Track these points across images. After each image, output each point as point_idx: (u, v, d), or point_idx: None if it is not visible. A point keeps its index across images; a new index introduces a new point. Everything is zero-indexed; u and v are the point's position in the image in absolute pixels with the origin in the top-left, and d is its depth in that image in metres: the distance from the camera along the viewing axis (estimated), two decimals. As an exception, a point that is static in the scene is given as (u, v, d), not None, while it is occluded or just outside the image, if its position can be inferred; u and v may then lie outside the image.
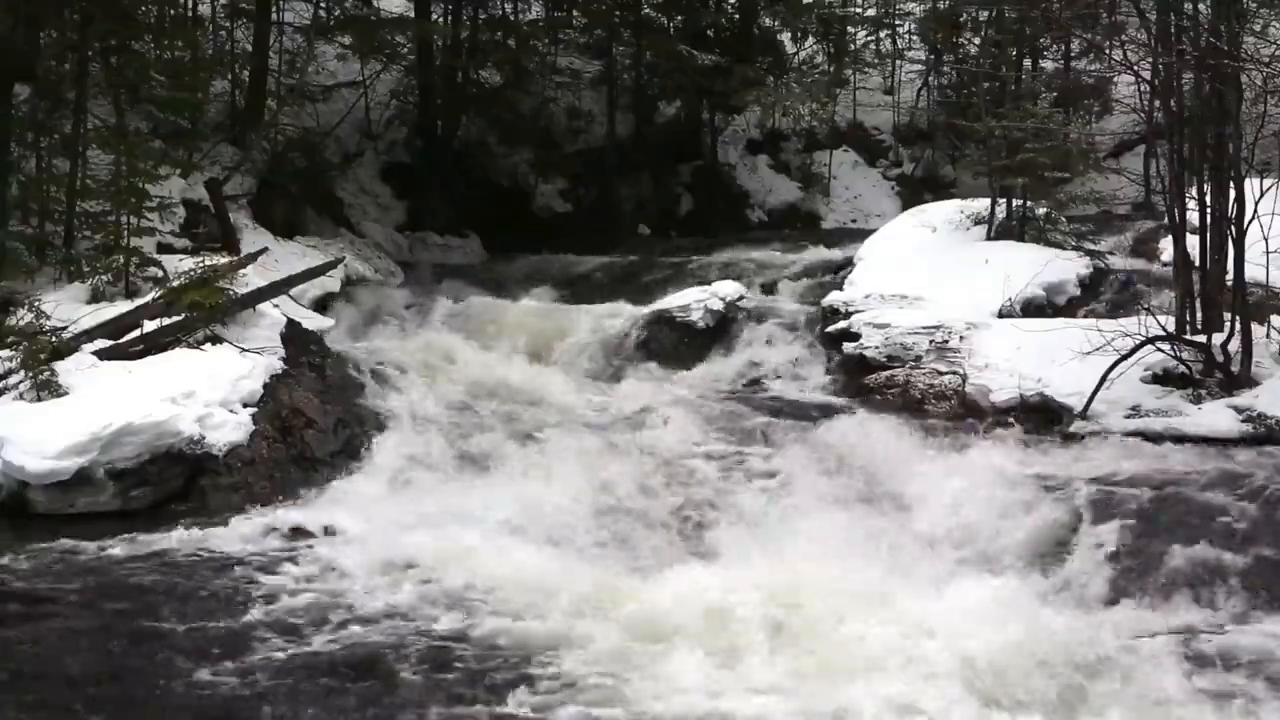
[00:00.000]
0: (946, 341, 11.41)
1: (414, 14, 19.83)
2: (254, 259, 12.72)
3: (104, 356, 10.08)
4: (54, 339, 10.00)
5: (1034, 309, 12.27)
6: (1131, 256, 13.76)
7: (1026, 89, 15.82)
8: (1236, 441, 9.33)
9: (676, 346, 12.69)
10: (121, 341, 10.40)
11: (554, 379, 11.79)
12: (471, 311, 13.89)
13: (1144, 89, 12.19)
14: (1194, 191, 10.69)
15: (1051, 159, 13.74)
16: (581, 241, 18.19)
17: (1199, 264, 10.67)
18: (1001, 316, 11.97)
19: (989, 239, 13.90)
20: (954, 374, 11.00)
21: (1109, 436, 9.67)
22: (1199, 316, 10.53)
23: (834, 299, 12.76)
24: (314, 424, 10.17)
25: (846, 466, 9.31)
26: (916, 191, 21.07)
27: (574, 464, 9.40)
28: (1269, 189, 10.10)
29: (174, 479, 9.10)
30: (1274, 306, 10.64)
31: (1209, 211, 10.53)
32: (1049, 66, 20.58)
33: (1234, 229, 10.21)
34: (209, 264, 11.08)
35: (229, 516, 8.68)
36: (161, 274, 11.35)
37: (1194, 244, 10.67)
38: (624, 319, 13.19)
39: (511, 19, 21.96)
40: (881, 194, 21.84)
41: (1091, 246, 13.63)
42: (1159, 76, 11.24)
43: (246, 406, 9.75)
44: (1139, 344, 10.04)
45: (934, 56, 23.41)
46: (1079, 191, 15.51)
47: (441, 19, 20.37)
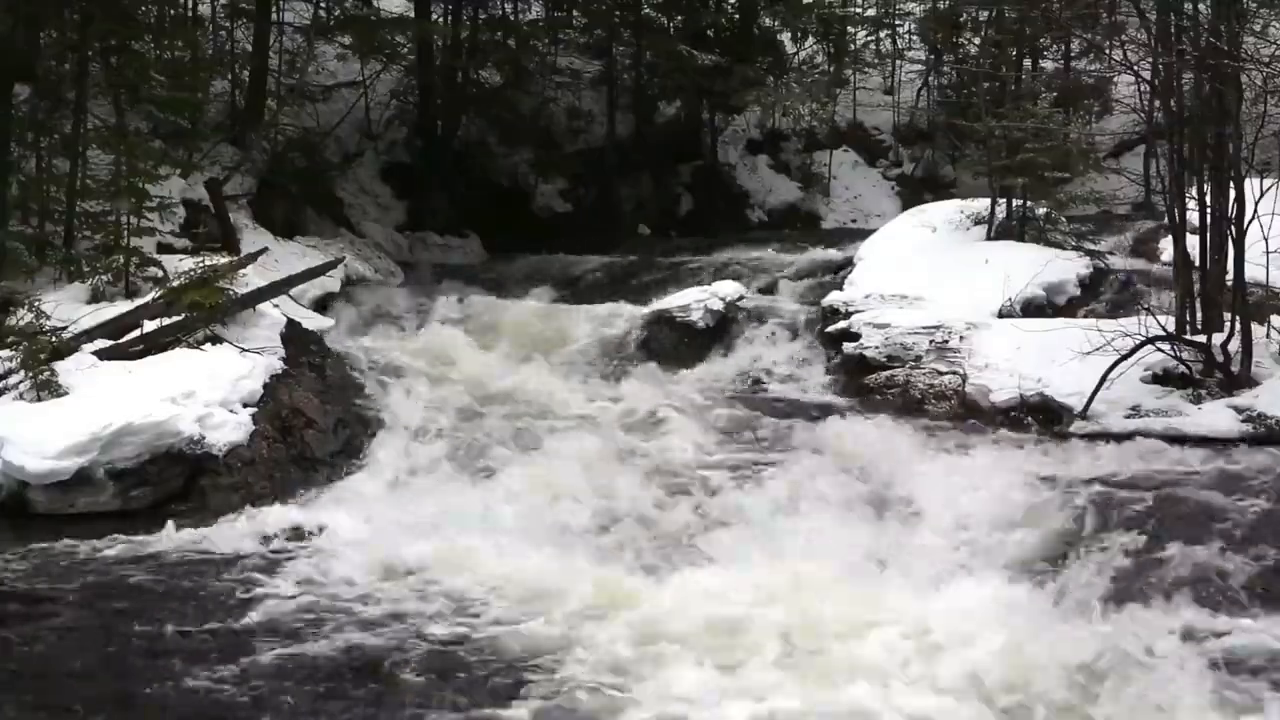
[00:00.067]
0: (946, 341, 11.41)
1: (414, 14, 19.82)
2: (254, 259, 12.72)
3: (104, 356, 10.08)
4: (54, 339, 10.00)
5: (1034, 309, 12.26)
6: (1131, 256, 13.76)
7: (1026, 89, 15.81)
8: (1236, 441, 9.34)
9: (676, 346, 12.67)
10: (121, 341, 10.40)
11: (554, 379, 11.79)
12: (472, 312, 13.88)
13: (1144, 89, 12.20)
14: (1194, 191, 10.69)
15: (1051, 159, 13.73)
16: (581, 241, 18.17)
17: (1199, 264, 10.67)
18: (1001, 316, 11.96)
19: (989, 239, 13.89)
20: (954, 374, 11.00)
21: (1109, 437, 9.67)
22: (1199, 316, 10.53)
23: (834, 299, 12.76)
24: (314, 424, 10.17)
25: (847, 467, 9.29)
26: (916, 191, 21.05)
27: (574, 465, 9.37)
28: (1269, 189, 10.10)
29: (174, 479, 9.09)
30: (1274, 306, 10.64)
31: (1209, 211, 10.53)
32: (1049, 66, 20.58)
33: (1234, 229, 10.21)
34: (209, 264, 11.08)
35: (229, 517, 8.68)
36: (161, 274, 11.35)
37: (1194, 244, 10.67)
38: (624, 319, 13.18)
39: (511, 19, 21.95)
40: (881, 194, 21.82)
41: (1091, 246, 13.63)
42: (1159, 76, 11.24)
43: (246, 406, 9.75)
44: (1139, 344, 10.04)
45: (934, 56, 23.40)
46: (1079, 191, 15.51)
47: (441, 19, 20.36)
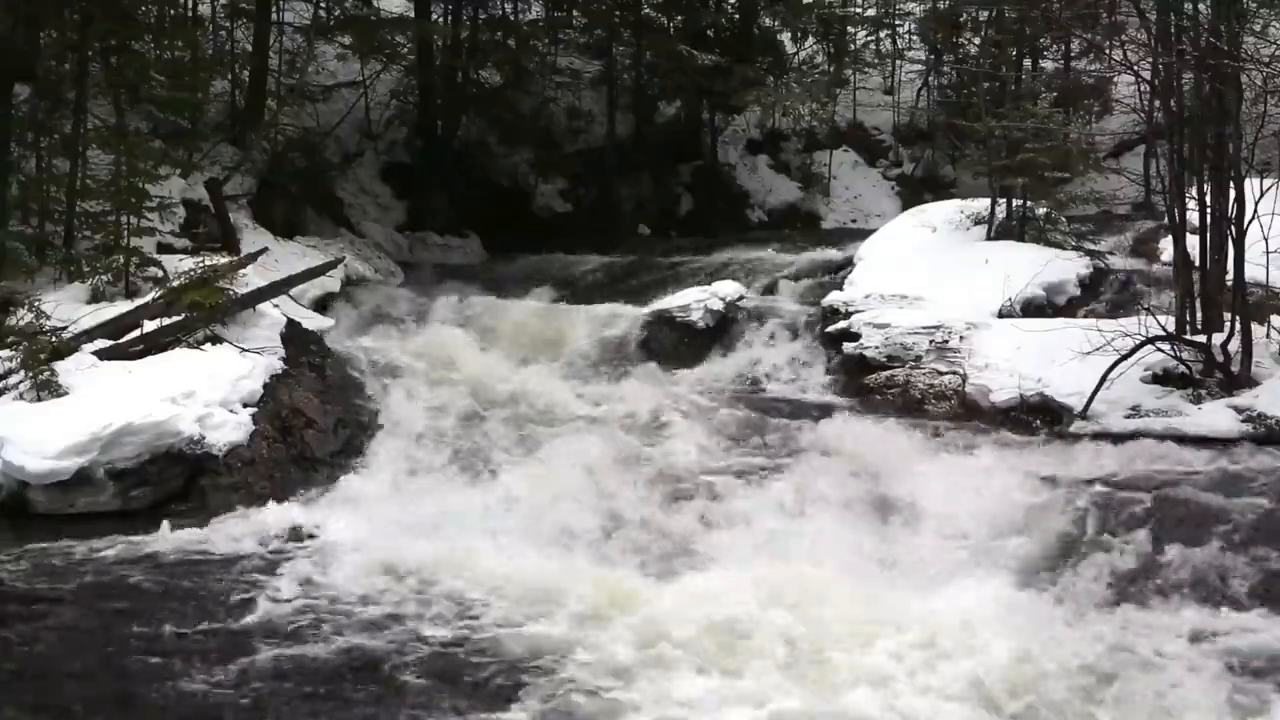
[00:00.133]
0: (946, 341, 11.41)
1: (414, 14, 19.82)
2: (254, 259, 12.72)
3: (104, 356, 10.08)
4: (54, 339, 10.00)
5: (1034, 309, 12.26)
6: (1131, 256, 13.75)
7: (1026, 89, 15.81)
8: (1236, 441, 9.35)
9: (676, 346, 12.67)
10: (121, 341, 10.40)
11: (554, 379, 11.77)
12: (472, 312, 13.86)
13: (1144, 89, 12.20)
14: (1194, 191, 10.69)
15: (1051, 159, 13.73)
16: (581, 241, 18.17)
17: (1199, 264, 10.67)
18: (1001, 316, 11.96)
19: (989, 239, 13.89)
20: (954, 374, 11.00)
21: (1109, 437, 9.68)
22: (1199, 316, 10.54)
23: (834, 299, 12.75)
24: (314, 424, 10.17)
25: (847, 467, 9.29)
26: (916, 191, 21.05)
27: (575, 466, 9.35)
28: (1269, 189, 10.10)
29: (174, 479, 9.09)
30: (1274, 306, 10.64)
31: (1209, 211, 10.53)
32: (1049, 66, 20.57)
33: (1234, 229, 10.21)
34: (209, 264, 11.08)
35: (229, 517, 8.68)
36: (161, 274, 11.35)
37: (1194, 244, 10.68)
38: (624, 319, 13.17)
39: (511, 19, 21.95)
40: (881, 194, 21.82)
41: (1091, 246, 13.62)
42: (1159, 76, 11.24)
43: (246, 406, 9.75)
44: (1139, 344, 10.05)
45: (934, 56, 23.40)
46: (1079, 191, 15.49)
47: (441, 19, 20.36)
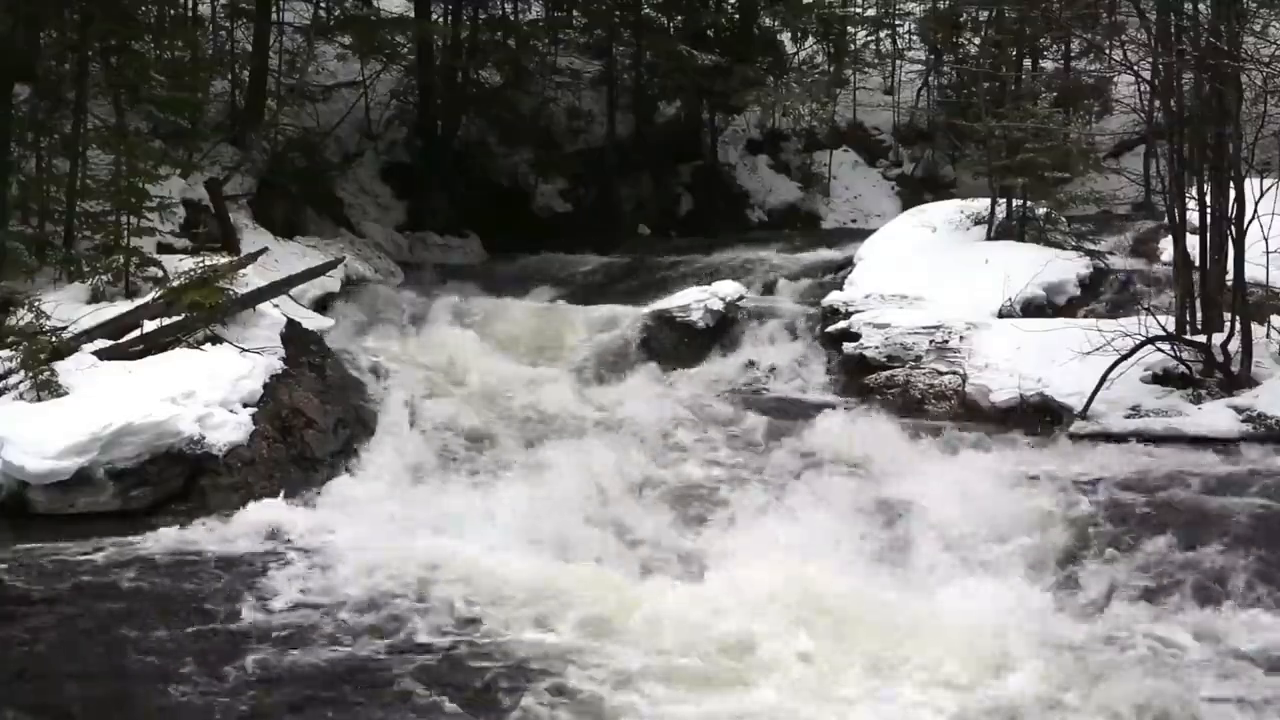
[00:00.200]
0: (946, 341, 11.41)
1: (414, 14, 19.84)
2: (254, 259, 12.71)
3: (104, 356, 10.07)
4: (54, 339, 9.99)
5: (1034, 309, 12.28)
6: (1131, 256, 13.77)
7: (1026, 89, 15.82)
8: (1237, 441, 9.36)
9: (676, 346, 12.67)
10: (121, 341, 10.38)
11: (554, 379, 11.76)
12: (471, 312, 13.86)
13: (1144, 89, 12.21)
14: (1194, 191, 10.70)
15: (1051, 159, 13.74)
16: (581, 241, 18.21)
17: (1199, 264, 10.67)
18: (1001, 316, 11.97)
19: (989, 239, 13.90)
20: (954, 374, 11.00)
21: (1109, 437, 9.69)
22: (1199, 316, 10.55)
23: (834, 299, 12.76)
24: (314, 424, 10.15)
25: (847, 467, 9.29)
26: (916, 191, 21.07)
27: (575, 467, 9.32)
28: (1269, 189, 10.11)
29: (174, 479, 9.07)
30: (1274, 306, 10.66)
31: (1209, 211, 10.54)
32: (1049, 66, 20.58)
33: (1234, 229, 10.22)
34: (209, 264, 11.05)
35: (228, 517, 8.65)
36: (161, 274, 11.33)
37: (1194, 244, 10.69)
38: (624, 319, 13.17)
39: (511, 19, 21.97)
40: (881, 194, 21.84)
41: (1091, 246, 13.64)
42: (1159, 76, 11.25)
43: (246, 406, 9.72)
44: (1139, 344, 10.05)
45: (934, 56, 23.42)
46: (1079, 191, 15.50)
47: (441, 19, 20.38)
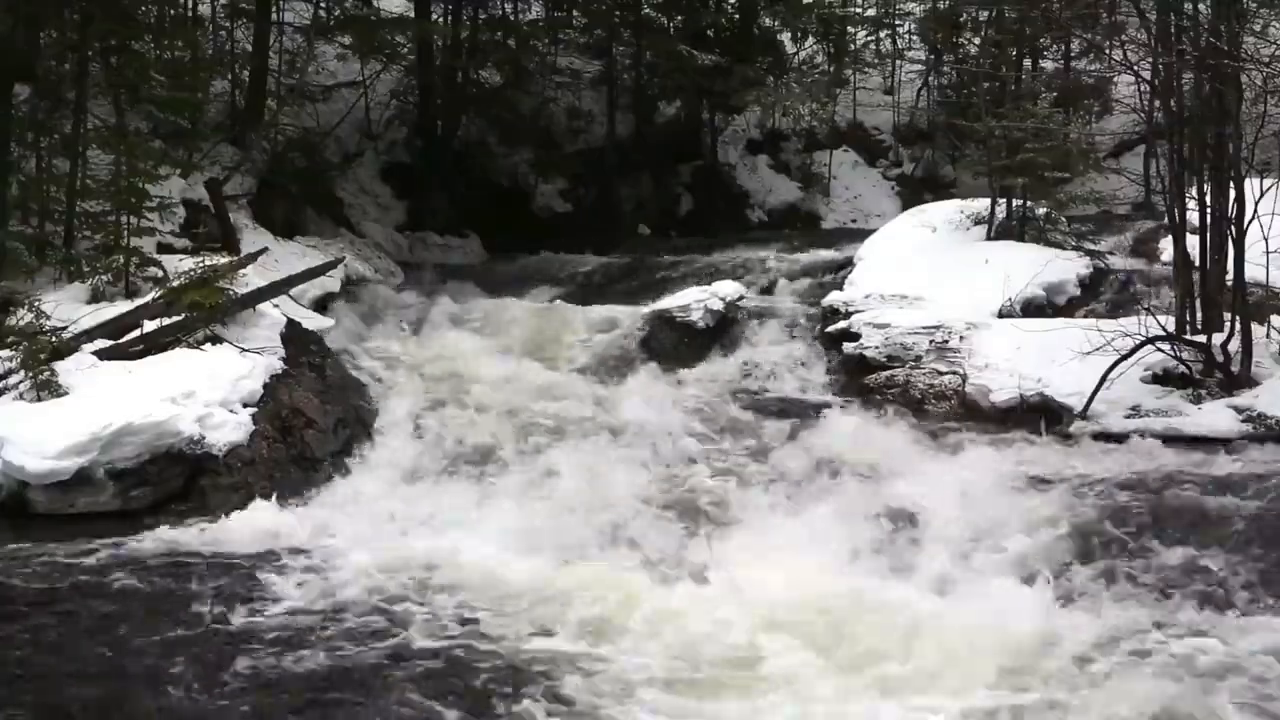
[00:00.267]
0: (946, 341, 11.41)
1: (414, 14, 19.84)
2: (254, 259, 12.70)
3: (104, 356, 10.07)
4: (54, 339, 9.99)
5: (1034, 309, 12.27)
6: (1131, 256, 13.76)
7: (1026, 89, 15.81)
8: (1236, 441, 9.35)
9: (677, 346, 12.66)
10: (121, 341, 10.39)
11: (554, 379, 11.76)
12: (471, 312, 13.87)
13: (1144, 89, 12.20)
14: (1194, 191, 10.70)
15: (1051, 159, 13.73)
16: (581, 241, 18.21)
17: (1199, 264, 10.67)
18: (1001, 316, 11.96)
19: (989, 239, 13.90)
20: (954, 374, 11.00)
21: (1109, 436, 9.69)
22: (1199, 316, 10.54)
23: (834, 299, 12.76)
24: (314, 424, 10.16)
25: (848, 467, 9.29)
26: (916, 191, 21.07)
27: (575, 467, 9.33)
28: (1269, 189, 10.10)
29: (174, 479, 9.08)
30: (1274, 306, 10.65)
31: (1209, 211, 10.54)
32: (1049, 66, 20.58)
33: (1234, 229, 10.22)
34: (209, 264, 11.06)
35: (228, 517, 8.67)
36: (161, 274, 11.33)
37: (1194, 244, 10.68)
38: (624, 319, 13.17)
39: (511, 19, 21.97)
40: (881, 194, 21.84)
41: (1091, 246, 13.63)
42: (1159, 76, 11.24)
43: (246, 406, 9.73)
44: (1139, 344, 10.05)
45: (934, 56, 23.42)
46: (1079, 191, 15.50)
47: (441, 19, 20.38)
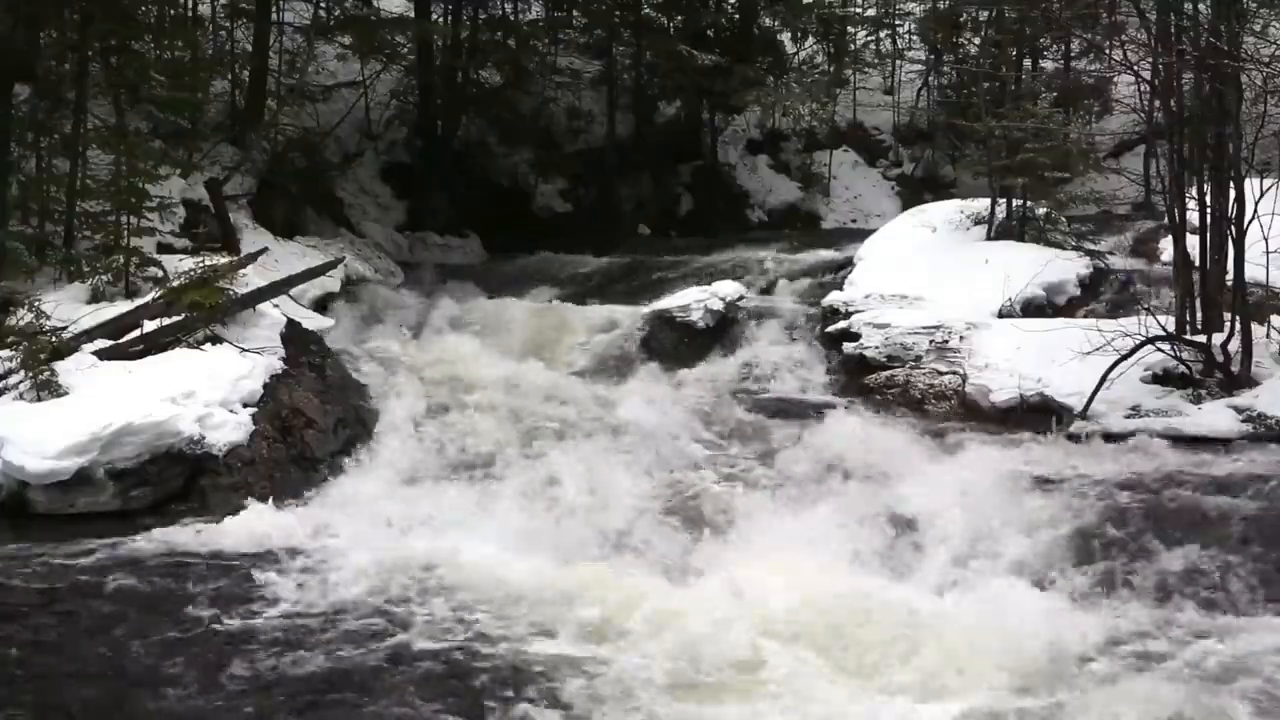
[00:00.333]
0: (946, 341, 11.41)
1: (414, 14, 19.84)
2: (254, 259, 12.71)
3: (104, 356, 10.07)
4: (54, 339, 9.99)
5: (1034, 309, 12.27)
6: (1131, 256, 13.77)
7: (1026, 89, 15.82)
8: (1236, 441, 9.35)
9: (677, 346, 12.67)
10: (121, 341, 10.39)
11: (554, 379, 11.74)
12: (471, 312, 13.87)
13: (1144, 89, 12.20)
14: (1194, 191, 10.70)
15: (1051, 159, 13.74)
16: (581, 241, 18.20)
17: (1199, 264, 10.67)
18: (1001, 316, 11.97)
19: (989, 239, 13.90)
20: (954, 374, 11.00)
21: (1109, 436, 9.68)
22: (1199, 316, 10.54)
23: (834, 299, 12.76)
24: (314, 424, 10.15)
25: (848, 468, 9.28)
26: (916, 191, 21.08)
27: (575, 468, 9.30)
28: (1269, 189, 10.10)
29: (174, 479, 9.07)
30: (1274, 306, 10.65)
31: (1209, 211, 10.54)
32: (1049, 66, 20.58)
33: (1234, 229, 10.22)
34: (209, 264, 11.05)
35: (228, 517, 8.65)
36: (161, 274, 11.33)
37: (1194, 244, 10.68)
38: (624, 319, 13.18)
39: (511, 19, 21.98)
40: (881, 194, 21.85)
41: (1091, 246, 13.64)
42: (1159, 76, 11.24)
43: (246, 406, 9.73)
44: (1139, 344, 10.05)
45: (934, 56, 23.43)
46: (1079, 191, 15.50)
47: (441, 19, 20.39)
